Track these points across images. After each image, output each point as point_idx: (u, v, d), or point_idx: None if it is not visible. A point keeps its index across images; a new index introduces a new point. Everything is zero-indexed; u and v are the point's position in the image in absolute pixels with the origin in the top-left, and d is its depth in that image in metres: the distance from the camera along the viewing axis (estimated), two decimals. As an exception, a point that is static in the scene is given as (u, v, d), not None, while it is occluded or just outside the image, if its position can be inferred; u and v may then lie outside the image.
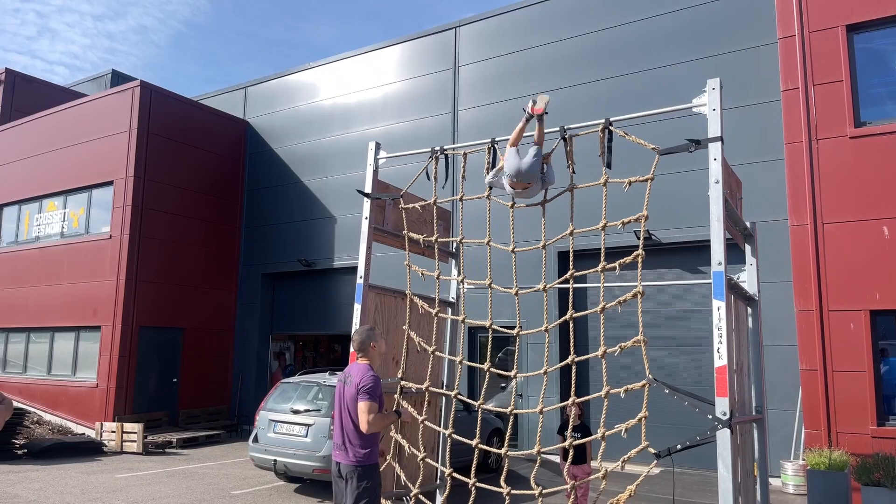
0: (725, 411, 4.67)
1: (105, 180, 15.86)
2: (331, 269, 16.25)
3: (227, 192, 17.80)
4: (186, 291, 16.39)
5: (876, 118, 8.04)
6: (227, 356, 17.35)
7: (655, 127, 9.07)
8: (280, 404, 9.60)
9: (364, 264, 7.06)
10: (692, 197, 10.96)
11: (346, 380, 5.14)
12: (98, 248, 15.64)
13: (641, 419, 5.12)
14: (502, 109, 13.85)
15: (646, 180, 5.55)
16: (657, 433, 5.30)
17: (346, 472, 4.95)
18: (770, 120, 10.49)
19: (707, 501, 8.84)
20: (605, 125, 5.82)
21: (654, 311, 11.84)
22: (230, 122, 18.12)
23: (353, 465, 4.92)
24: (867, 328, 7.58)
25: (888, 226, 7.62)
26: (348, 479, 4.94)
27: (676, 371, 11.05)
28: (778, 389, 9.78)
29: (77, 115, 16.94)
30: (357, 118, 16.25)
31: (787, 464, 9.66)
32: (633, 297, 5.40)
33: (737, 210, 6.18)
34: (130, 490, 9.39)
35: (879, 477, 5.33)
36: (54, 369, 16.25)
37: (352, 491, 4.90)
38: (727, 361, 4.81)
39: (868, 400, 7.45)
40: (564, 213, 6.13)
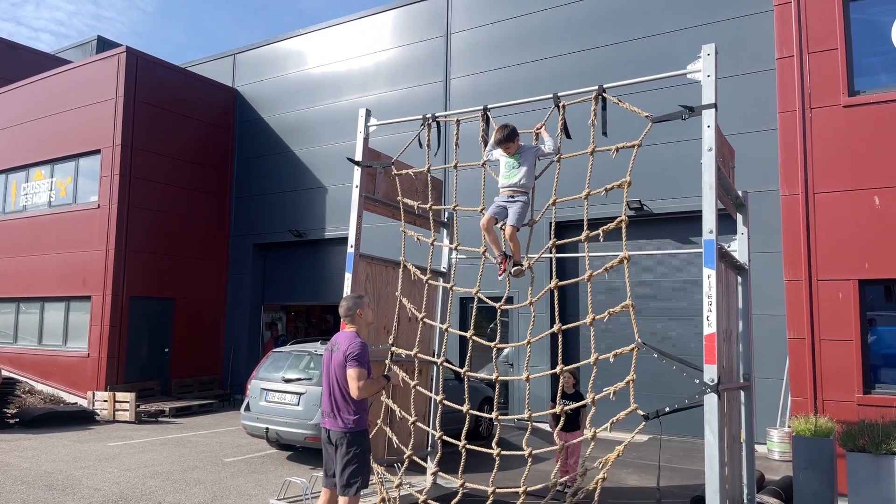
0: (713, 378, 4.71)
1: (92, 149, 15.65)
2: (322, 240, 16.19)
3: (217, 161, 17.61)
4: (177, 262, 16.30)
5: (869, 87, 8.00)
6: (219, 326, 17.34)
7: (649, 96, 9.00)
8: (272, 373, 9.63)
9: (355, 233, 7.02)
10: (685, 167, 10.93)
11: (334, 347, 5.18)
12: (86, 217, 15.49)
13: (630, 382, 5.17)
14: (495, 78, 13.70)
15: (632, 146, 5.51)
16: (645, 400, 5.36)
17: (336, 438, 4.99)
18: (764, 89, 10.43)
19: (693, 467, 8.99)
20: (599, 92, 5.76)
21: (645, 280, 11.90)
22: (219, 90, 17.85)
23: (343, 432, 4.97)
24: (855, 297, 7.63)
25: (879, 195, 7.63)
26: (338, 446, 4.99)
27: (666, 340, 11.14)
28: (765, 358, 9.89)
29: (62, 83, 16.63)
30: (348, 86, 16.04)
31: (773, 431, 9.82)
32: (619, 262, 5.40)
33: (729, 179, 6.16)
34: (123, 458, 9.44)
35: (864, 443, 5.41)
36: (45, 339, 16.21)
37: (342, 456, 4.96)
38: (716, 329, 4.84)
39: (854, 368, 7.54)
40: (557, 184, 6.09)
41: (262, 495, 7.46)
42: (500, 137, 5.93)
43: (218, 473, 8.56)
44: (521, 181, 5.92)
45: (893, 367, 7.70)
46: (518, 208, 5.88)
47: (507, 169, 6.01)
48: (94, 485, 7.80)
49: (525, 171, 5.93)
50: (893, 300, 7.95)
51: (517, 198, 5.92)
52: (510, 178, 5.96)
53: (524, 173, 5.92)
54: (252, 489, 7.75)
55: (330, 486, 5.13)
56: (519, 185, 5.93)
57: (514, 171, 5.95)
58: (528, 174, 5.95)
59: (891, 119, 7.70)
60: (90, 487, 7.67)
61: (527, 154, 6.02)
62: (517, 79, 13.32)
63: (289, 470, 8.66)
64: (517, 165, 5.96)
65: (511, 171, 5.98)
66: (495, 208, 6.00)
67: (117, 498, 7.24)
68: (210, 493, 7.52)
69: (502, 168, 6.08)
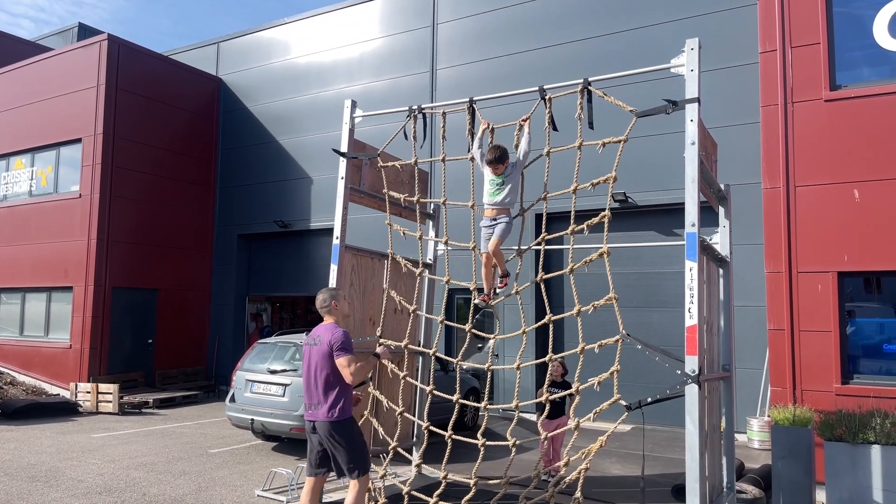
0: (695, 368, 4.78)
1: (73, 137, 15.46)
2: (307, 231, 16.14)
3: (201, 150, 17.46)
4: (161, 252, 16.18)
5: (851, 81, 8.10)
6: (204, 317, 17.26)
7: (633, 89, 9.05)
8: (257, 364, 9.62)
9: (340, 225, 7.01)
10: (668, 159, 11.01)
11: (315, 340, 5.25)
12: (68, 207, 15.31)
13: (614, 373, 5.25)
14: (481, 69, 13.69)
15: (619, 141, 5.56)
16: (629, 391, 5.43)
17: (322, 429, 5.04)
18: (747, 83, 10.52)
19: (675, 456, 9.12)
20: (584, 85, 5.79)
21: (628, 272, 11.99)
22: (203, 79, 17.67)
23: (329, 422, 5.02)
24: (834, 289, 7.75)
25: (858, 189, 7.75)
26: (327, 437, 5.03)
27: (649, 331, 11.25)
28: (746, 349, 10.03)
29: (43, 71, 16.38)
30: (333, 76, 15.95)
31: (752, 420, 9.98)
32: (598, 256, 5.49)
33: (712, 172, 6.23)
34: (107, 449, 9.40)
35: (842, 433, 5.52)
36: (26, 330, 16.05)
37: (334, 447, 5.03)
38: (698, 321, 4.91)
39: (833, 359, 7.67)
40: (543, 177, 6.14)
41: (247, 486, 7.47)
42: (491, 158, 6.03)
43: (203, 465, 8.55)
44: (506, 199, 6.05)
45: (871, 358, 7.85)
46: (501, 229, 6.05)
47: (493, 186, 6.12)
48: (77, 476, 7.76)
49: (509, 189, 6.05)
50: (872, 292, 8.09)
51: (499, 219, 6.06)
52: (495, 196, 6.08)
53: (508, 191, 6.04)
54: (237, 480, 7.76)
55: (314, 475, 5.20)
56: (503, 204, 6.06)
57: (500, 189, 6.06)
58: (512, 191, 6.07)
59: (871, 113, 7.81)
60: (74, 479, 7.64)
61: (513, 172, 6.11)
62: (503, 70, 13.32)
63: (274, 461, 8.67)
64: (502, 184, 6.07)
65: (496, 188, 6.09)
66: (485, 241, 6.15)
67: (101, 489, 7.21)
68: (195, 484, 7.52)
69: (486, 184, 6.17)
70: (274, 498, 6.93)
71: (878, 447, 5.24)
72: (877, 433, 5.31)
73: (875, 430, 5.32)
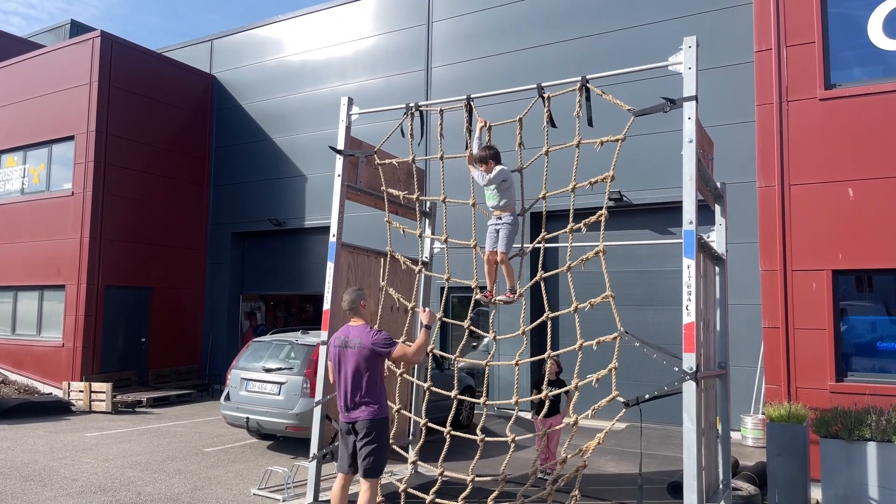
0: (692, 366, 4.80)
1: (66, 135, 15.35)
2: (302, 229, 16.10)
3: (195, 148, 17.38)
4: (154, 250, 16.10)
5: (845, 81, 8.13)
6: (198, 316, 17.19)
7: (630, 87, 9.06)
8: (252, 363, 9.58)
9: (337, 222, 7.00)
10: (664, 158, 11.04)
11: (347, 343, 5.29)
12: (60, 205, 15.21)
13: (612, 370, 5.26)
14: (477, 67, 13.68)
15: (617, 140, 5.57)
16: (626, 388, 5.45)
17: (362, 427, 5.12)
18: (743, 82, 10.56)
19: (670, 453, 9.15)
20: (582, 83, 5.79)
21: (624, 271, 12.02)
22: (196, 77, 17.58)
23: (369, 420, 5.12)
24: (829, 287, 7.79)
25: (853, 188, 7.78)
26: (364, 433, 5.11)
27: (645, 329, 11.28)
28: (740, 347, 10.06)
29: (35, 67, 16.27)
30: (327, 74, 15.90)
31: (746, 418, 10.03)
32: (595, 255, 5.52)
33: (708, 170, 6.24)
34: (100, 448, 9.35)
35: (837, 430, 5.54)
36: (19, 328, 15.94)
37: (365, 443, 5.10)
38: (695, 318, 4.92)
39: (827, 357, 7.70)
40: (542, 175, 6.14)
41: (242, 485, 7.45)
42: (478, 156, 6.10)
43: (198, 463, 8.51)
44: (502, 202, 6.09)
45: (865, 356, 7.89)
46: (505, 232, 6.09)
47: (488, 191, 6.18)
48: (71, 475, 7.72)
49: (504, 192, 6.08)
50: (865, 290, 8.13)
51: (504, 219, 6.10)
52: (492, 200, 6.14)
53: (503, 194, 6.09)
54: (232, 479, 7.73)
55: (346, 472, 5.30)
56: (502, 207, 6.10)
57: (495, 193, 6.10)
58: (507, 193, 6.10)
59: (865, 112, 7.84)
60: (67, 478, 7.59)
61: (505, 176, 6.12)
62: (499, 69, 13.31)
63: (270, 460, 8.64)
64: (496, 188, 6.10)
65: (492, 193, 6.14)
66: (490, 238, 6.18)
67: (96, 488, 7.17)
68: (190, 483, 7.49)
69: (484, 189, 6.22)
70: (270, 496, 6.91)
71: (874, 444, 5.27)
72: (872, 430, 5.34)
73: (871, 427, 5.34)
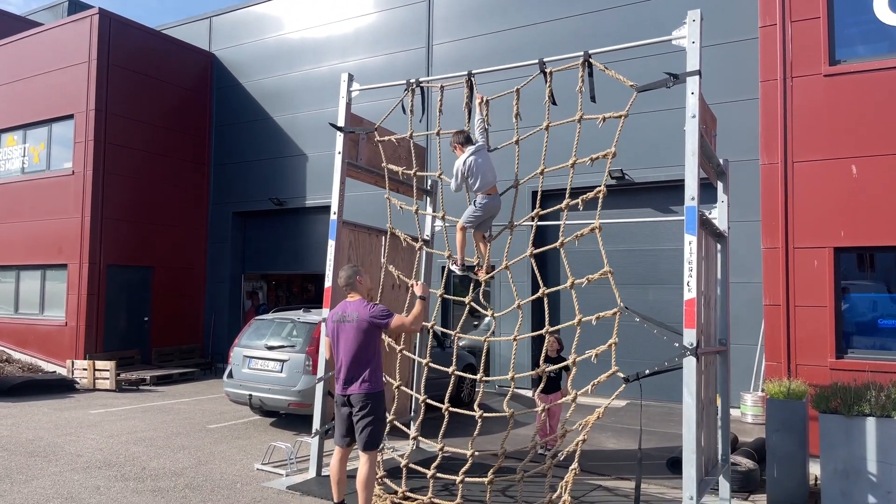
0: (693, 341, 4.81)
1: (65, 114, 15.29)
2: (303, 208, 16.07)
3: (195, 127, 17.30)
4: (155, 230, 16.10)
5: (850, 57, 8.05)
6: (200, 295, 17.24)
7: (633, 64, 8.98)
8: (254, 341, 9.62)
9: (338, 200, 6.99)
10: (667, 136, 10.98)
11: (345, 317, 5.35)
12: (61, 184, 15.19)
13: (612, 345, 5.28)
14: (478, 44, 13.55)
15: (619, 116, 5.54)
16: (626, 365, 5.47)
17: (357, 401, 5.19)
18: (747, 58, 10.45)
19: (669, 430, 9.21)
20: (585, 58, 5.75)
21: (626, 249, 12.02)
22: (195, 55, 17.45)
23: (365, 394, 5.19)
24: (830, 265, 7.78)
25: (856, 165, 7.74)
26: (360, 406, 5.18)
27: (645, 308, 11.27)
28: (741, 325, 10.08)
29: (34, 46, 16.14)
30: (328, 52, 15.77)
31: (746, 395, 10.08)
32: (590, 231, 5.52)
33: (711, 147, 6.21)
34: (105, 425, 9.43)
35: (837, 405, 5.57)
36: (21, 308, 16.01)
37: (362, 417, 5.18)
38: (696, 294, 4.93)
39: (828, 334, 7.72)
40: (541, 151, 6.11)
41: (246, 460, 7.52)
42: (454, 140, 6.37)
43: (202, 440, 8.59)
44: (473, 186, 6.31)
45: (866, 333, 7.90)
46: (470, 209, 6.36)
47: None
48: (76, 451, 7.79)
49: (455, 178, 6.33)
50: (867, 268, 8.12)
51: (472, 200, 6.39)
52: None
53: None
54: (236, 455, 7.81)
55: (343, 445, 5.39)
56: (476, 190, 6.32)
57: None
58: (455, 179, 6.34)
59: (870, 88, 7.77)
60: (73, 454, 7.67)
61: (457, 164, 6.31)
62: (501, 45, 13.19)
63: (273, 436, 8.72)
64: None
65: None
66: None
67: (101, 464, 7.25)
68: (194, 459, 7.56)
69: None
70: (273, 471, 6.98)
71: (873, 419, 5.29)
72: (872, 406, 5.36)
73: (870, 403, 5.36)
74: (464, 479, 5.77)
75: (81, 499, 5.97)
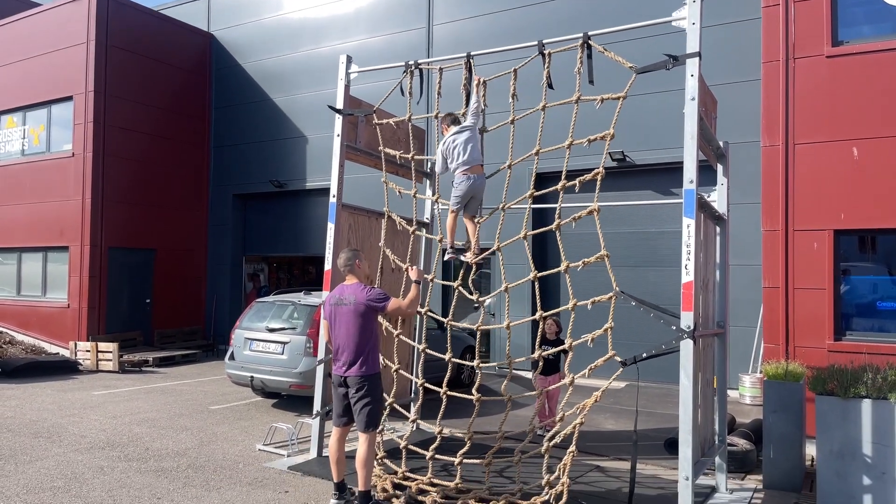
0: (690, 324, 4.83)
1: (64, 95, 15.24)
2: (303, 191, 16.06)
3: (194, 109, 17.23)
4: (156, 212, 16.12)
5: (853, 37, 7.99)
6: (201, 277, 17.30)
7: (632, 45, 8.90)
8: (256, 323, 9.68)
9: (337, 183, 6.99)
10: (667, 118, 10.91)
11: (342, 300, 5.41)
12: (61, 166, 15.18)
13: (608, 329, 5.30)
14: (479, 24, 13.45)
15: (618, 98, 5.51)
16: (625, 348, 5.50)
17: (354, 383, 5.27)
18: (749, 39, 10.36)
19: (668, 412, 9.28)
20: (584, 40, 5.70)
21: (627, 232, 12.02)
22: (194, 35, 17.33)
23: (361, 376, 5.27)
24: (830, 247, 7.78)
25: (857, 147, 7.71)
26: (356, 388, 5.26)
27: (646, 290, 11.30)
28: (740, 308, 10.11)
29: (32, 27, 16.05)
30: (327, 32, 15.65)
31: (745, 377, 10.14)
32: (588, 213, 5.51)
33: (711, 129, 6.18)
34: (108, 406, 9.52)
35: (833, 387, 5.60)
36: (24, 290, 16.09)
37: (359, 398, 5.26)
38: (694, 278, 4.94)
39: (826, 316, 7.75)
40: (537, 134, 6.09)
41: (248, 441, 7.60)
42: (441, 122, 6.32)
43: (204, 420, 8.68)
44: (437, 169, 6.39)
45: (864, 316, 7.93)
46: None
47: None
48: (80, 432, 7.88)
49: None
50: (867, 250, 8.13)
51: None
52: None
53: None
54: (238, 435, 7.89)
55: (340, 425, 5.48)
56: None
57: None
58: (437, 160, 6.31)
59: (872, 70, 7.72)
60: (76, 434, 7.75)
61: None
62: (501, 26, 13.09)
63: (274, 417, 8.80)
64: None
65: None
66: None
67: (104, 444, 7.33)
68: (197, 439, 7.64)
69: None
70: (275, 452, 7.06)
71: (869, 401, 5.32)
72: (868, 388, 5.39)
73: (866, 385, 5.39)
74: (462, 461, 5.84)
75: (85, 479, 6.05)
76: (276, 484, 6.05)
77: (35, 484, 5.87)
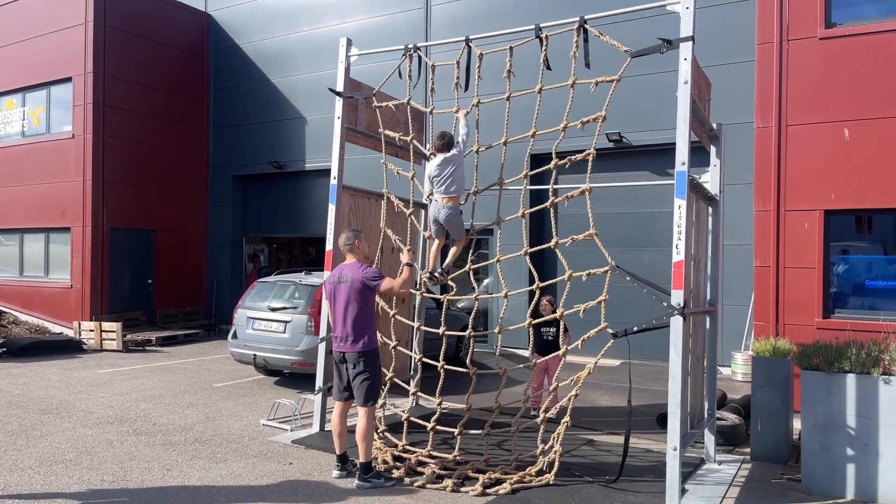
0: (680, 302, 5.01)
1: (63, 76, 15.26)
2: (302, 172, 16.15)
3: (193, 90, 17.25)
4: (157, 193, 16.22)
5: (847, 19, 8.07)
6: (202, 258, 17.45)
7: (627, 27, 8.97)
8: (258, 302, 9.85)
9: (337, 165, 7.12)
10: (664, 99, 10.99)
11: (341, 278, 5.61)
12: (61, 147, 15.25)
13: (601, 302, 5.50)
14: (477, 3, 13.46)
15: (612, 81, 5.64)
16: (617, 325, 5.68)
17: (352, 358, 5.48)
18: (743, 20, 10.43)
19: (661, 388, 9.49)
20: (580, 23, 5.81)
21: (623, 213, 12.16)
22: (191, 15, 17.29)
23: (359, 352, 5.47)
24: (820, 227, 7.95)
25: (849, 128, 7.83)
26: (354, 365, 5.48)
27: (641, 270, 11.30)
28: (733, 287, 10.30)
29: (30, 8, 16.00)
30: (326, 12, 15.64)
31: (737, 354, 10.36)
32: (580, 193, 5.70)
33: (705, 111, 6.30)
34: (114, 384, 9.72)
35: (818, 362, 5.78)
36: (26, 270, 16.24)
37: (358, 374, 5.47)
38: (684, 257, 5.11)
39: (816, 294, 7.93)
40: (532, 117, 6.22)
41: (252, 416, 7.81)
42: (438, 145, 6.28)
43: (209, 397, 8.89)
44: (451, 189, 6.27)
45: (853, 294, 8.12)
46: (452, 222, 6.37)
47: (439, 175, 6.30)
48: (88, 408, 8.08)
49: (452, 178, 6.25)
50: (856, 230, 8.30)
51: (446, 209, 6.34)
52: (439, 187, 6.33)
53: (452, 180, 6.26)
54: (242, 411, 8.10)
55: (341, 399, 5.69)
56: (449, 193, 6.29)
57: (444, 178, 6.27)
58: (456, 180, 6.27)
59: (864, 52, 7.82)
60: (84, 411, 7.96)
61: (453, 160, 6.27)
62: (499, 5, 13.11)
63: (277, 394, 9.01)
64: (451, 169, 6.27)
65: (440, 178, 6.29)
66: (436, 226, 6.46)
67: (112, 420, 7.53)
68: (202, 415, 7.85)
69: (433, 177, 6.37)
70: (278, 427, 7.27)
71: (853, 376, 5.50)
72: (852, 363, 5.57)
73: (851, 360, 5.58)
74: (462, 431, 6.05)
75: (96, 452, 6.26)
76: (281, 456, 6.26)
77: (48, 457, 6.08)
